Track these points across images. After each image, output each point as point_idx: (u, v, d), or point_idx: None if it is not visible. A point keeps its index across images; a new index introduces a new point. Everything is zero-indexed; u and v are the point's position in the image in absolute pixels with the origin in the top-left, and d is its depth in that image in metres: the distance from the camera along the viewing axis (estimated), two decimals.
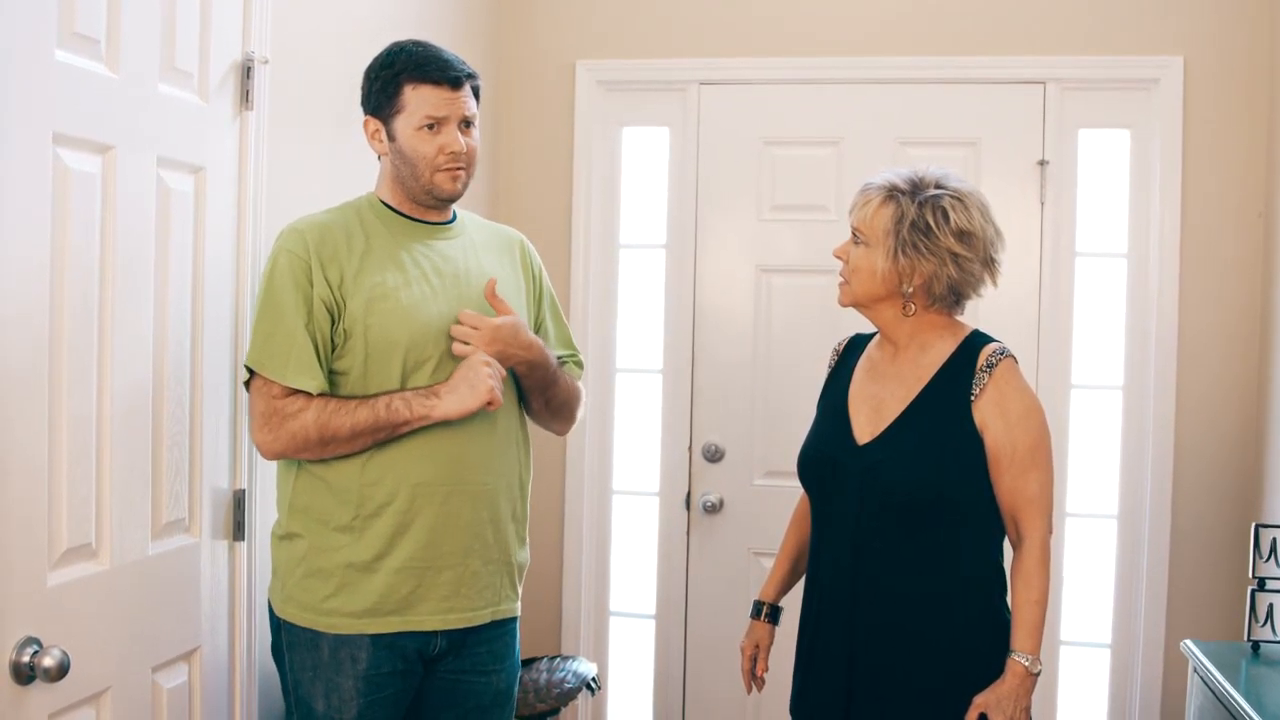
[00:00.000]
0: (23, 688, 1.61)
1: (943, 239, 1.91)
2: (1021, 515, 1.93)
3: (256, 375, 1.91)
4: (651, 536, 3.48)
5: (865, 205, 1.97)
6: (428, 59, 1.95)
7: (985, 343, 1.98)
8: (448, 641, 1.99)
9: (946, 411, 1.94)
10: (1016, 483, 1.91)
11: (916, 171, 1.98)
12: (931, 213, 1.92)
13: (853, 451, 1.98)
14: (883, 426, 1.98)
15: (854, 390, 2.06)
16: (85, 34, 1.73)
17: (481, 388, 1.88)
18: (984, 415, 1.92)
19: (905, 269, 1.93)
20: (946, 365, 1.97)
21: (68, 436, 1.72)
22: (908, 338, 2.00)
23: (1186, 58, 3.14)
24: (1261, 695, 2.19)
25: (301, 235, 1.93)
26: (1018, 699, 1.89)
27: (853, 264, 1.99)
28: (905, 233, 1.92)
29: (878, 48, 3.30)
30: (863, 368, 2.09)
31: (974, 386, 1.93)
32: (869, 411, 2.01)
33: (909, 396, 1.97)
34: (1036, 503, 1.92)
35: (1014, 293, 3.25)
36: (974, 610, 1.95)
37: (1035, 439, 1.92)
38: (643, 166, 3.50)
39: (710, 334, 3.42)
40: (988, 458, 1.92)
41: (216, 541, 2.13)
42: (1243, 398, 3.11)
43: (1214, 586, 3.12)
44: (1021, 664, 1.89)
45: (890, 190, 1.95)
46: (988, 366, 1.94)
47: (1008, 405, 1.92)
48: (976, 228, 1.94)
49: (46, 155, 1.66)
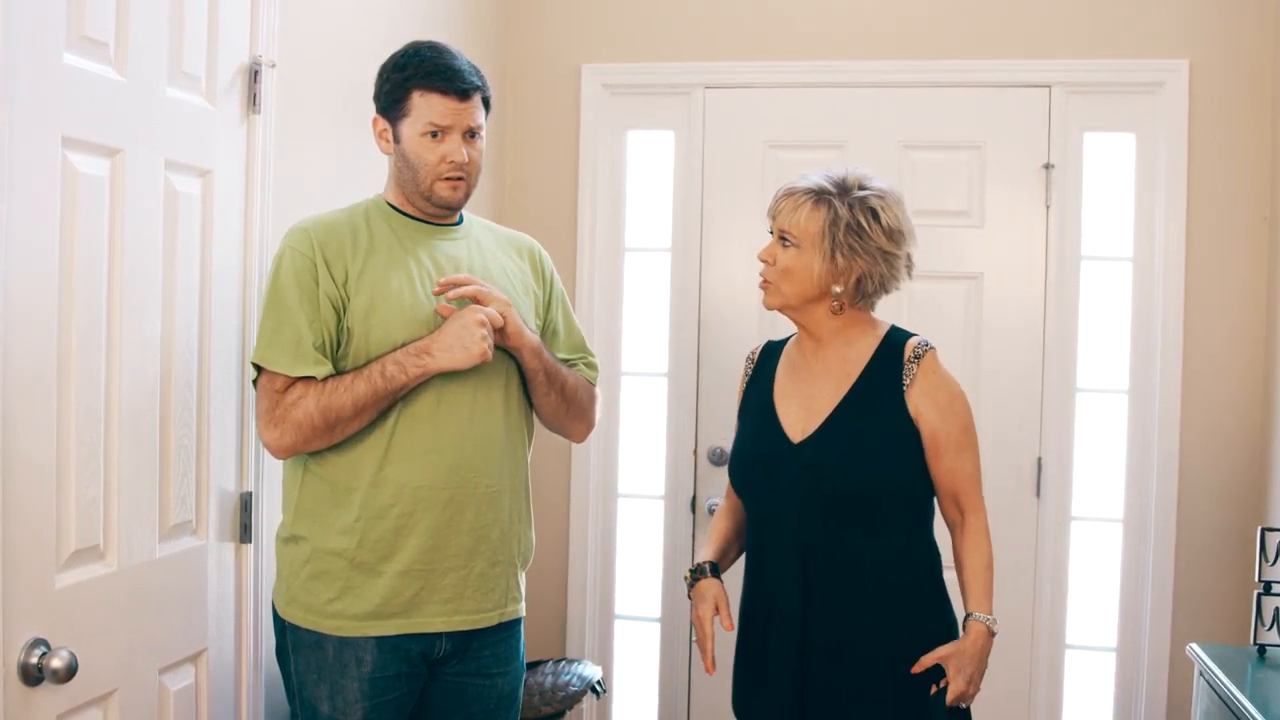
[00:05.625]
0: (31, 689, 1.62)
1: (874, 238, 1.97)
2: (961, 492, 2.01)
3: (262, 372, 1.92)
4: (656, 539, 3.48)
5: (796, 210, 2.00)
6: (439, 67, 1.95)
7: (907, 337, 2.06)
8: (452, 644, 1.99)
9: (880, 403, 2.00)
10: (954, 463, 2.00)
11: (838, 172, 2.03)
12: (862, 213, 1.97)
13: (789, 450, 2.01)
14: (816, 423, 2.01)
15: (779, 390, 2.10)
16: (94, 37, 1.74)
17: (475, 349, 1.87)
18: (916, 404, 1.99)
19: (842, 269, 1.98)
20: (874, 359, 2.03)
21: (76, 438, 1.73)
22: (832, 335, 2.05)
23: (1192, 61, 3.14)
24: (1267, 699, 2.19)
25: (307, 234, 1.94)
26: (977, 660, 1.93)
27: (782, 266, 2.02)
28: (840, 234, 1.97)
29: (882, 51, 3.30)
30: (784, 369, 2.12)
31: (904, 378, 2.00)
32: (798, 410, 2.04)
33: (840, 391, 2.02)
34: (973, 478, 2.02)
35: (1019, 296, 3.25)
36: (923, 590, 2.02)
37: (965, 421, 2.02)
38: (648, 170, 3.50)
39: (715, 337, 3.42)
40: (924, 444, 1.99)
41: (223, 544, 2.13)
42: (1248, 402, 3.11)
43: (1219, 590, 3.11)
44: (983, 624, 1.95)
45: (819, 193, 2.00)
46: (914, 358, 2.01)
47: (937, 394, 2.00)
48: (902, 225, 2.01)
49: (55, 158, 1.67)
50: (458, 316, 1.90)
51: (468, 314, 1.89)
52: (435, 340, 1.89)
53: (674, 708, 3.45)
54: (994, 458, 2.51)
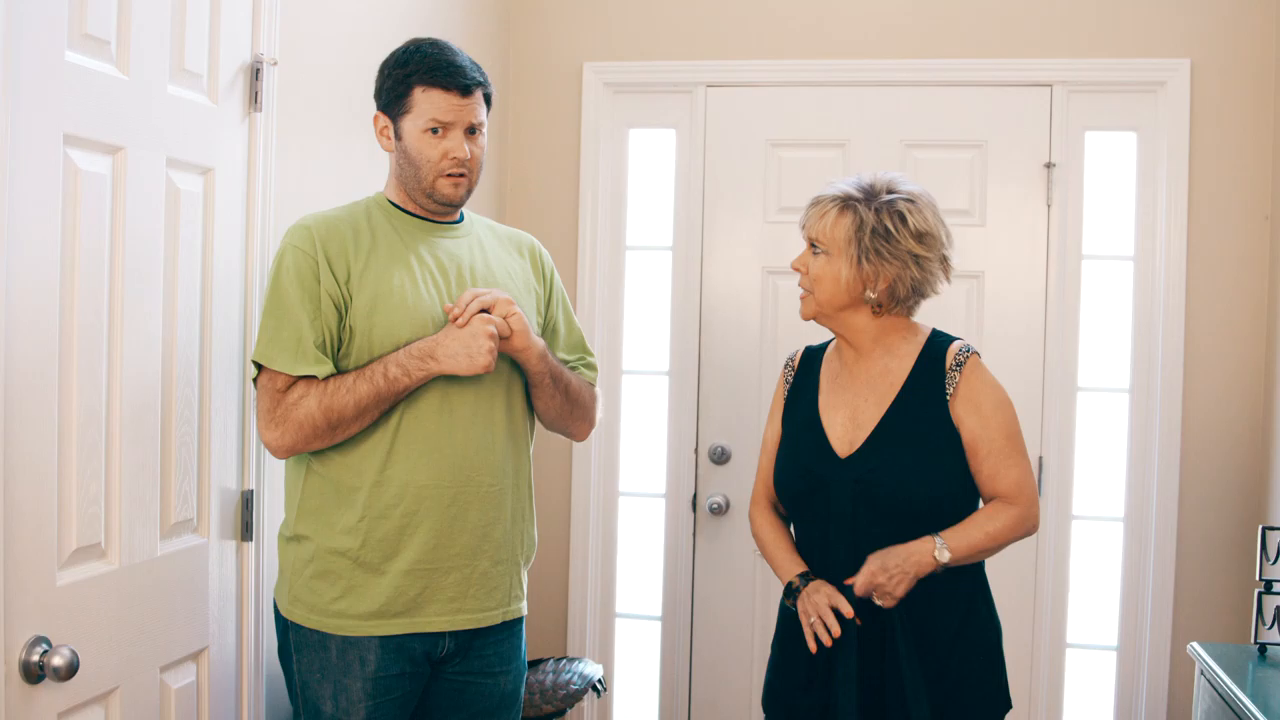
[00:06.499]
0: (32, 687, 1.62)
1: (903, 242, 1.97)
2: (1003, 496, 1.97)
3: (263, 371, 1.92)
4: (658, 538, 3.48)
5: (822, 217, 2.01)
6: (441, 63, 1.95)
7: (949, 341, 2.04)
8: (455, 643, 1.99)
9: (925, 413, 1.98)
10: (997, 470, 1.98)
11: (866, 178, 2.03)
12: (889, 217, 1.97)
13: (837, 465, 2.00)
14: (863, 436, 2.00)
15: (824, 402, 2.08)
16: (96, 35, 1.74)
17: (480, 360, 1.87)
18: (959, 411, 1.98)
19: (869, 275, 1.98)
20: (916, 367, 2.01)
21: (77, 436, 1.73)
22: (872, 342, 2.04)
23: (1193, 60, 3.14)
24: (1268, 698, 2.19)
25: (309, 231, 1.94)
26: (904, 561, 1.91)
27: (814, 274, 2.02)
28: (867, 240, 1.97)
29: (884, 50, 3.30)
30: (827, 378, 2.11)
31: (948, 385, 1.99)
32: (844, 421, 2.03)
33: (884, 402, 2.01)
34: (1019, 484, 1.97)
35: (1021, 295, 3.25)
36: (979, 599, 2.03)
37: (1009, 429, 1.99)
38: (649, 168, 3.50)
39: (717, 336, 3.42)
40: (965, 451, 1.98)
41: (225, 542, 2.13)
42: (1250, 400, 3.11)
43: (1221, 589, 3.11)
44: (934, 541, 1.92)
45: (845, 199, 2.00)
46: (957, 365, 2.00)
47: (980, 400, 1.99)
48: (932, 227, 2.00)
49: (57, 156, 1.67)
50: (470, 330, 1.88)
51: (478, 324, 1.89)
52: (441, 345, 1.88)
53: (674, 706, 3.45)
54: None
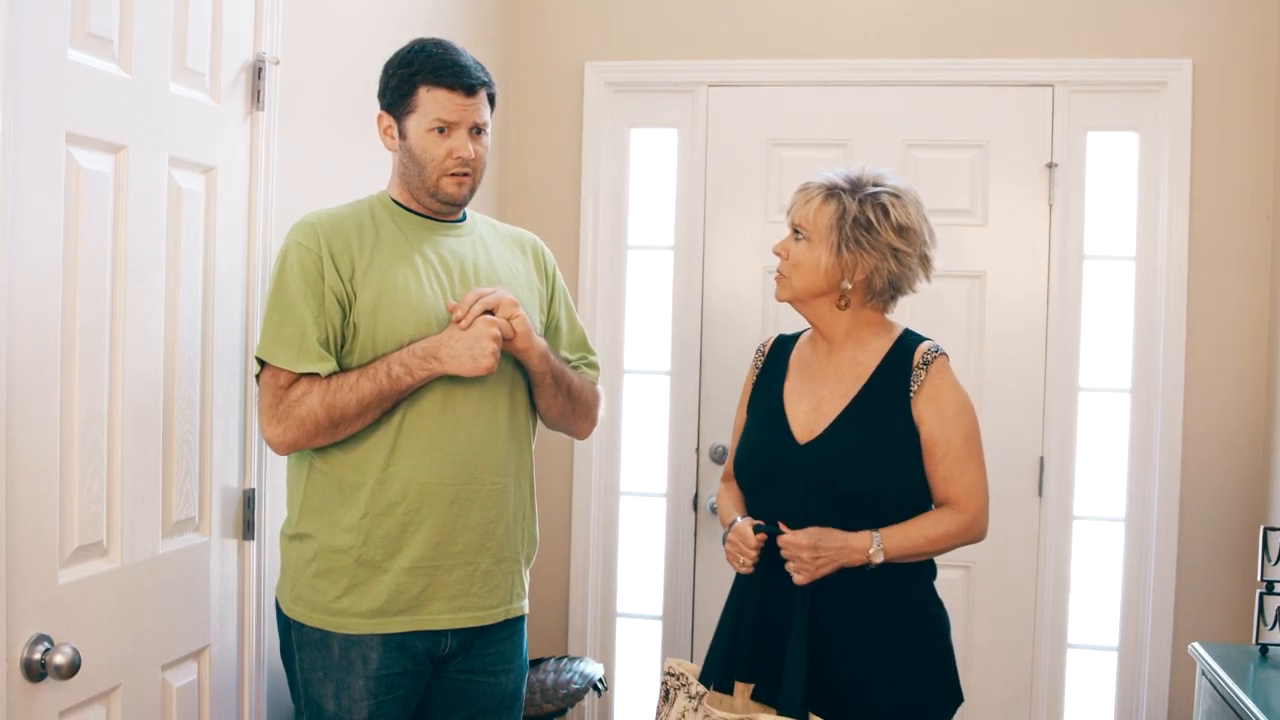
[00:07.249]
0: (34, 685, 1.62)
1: (883, 234, 1.98)
2: (954, 500, 1.98)
3: (266, 367, 1.92)
4: (658, 538, 3.48)
5: (807, 203, 2.04)
6: (445, 63, 1.95)
7: (919, 341, 2.05)
8: (457, 641, 1.99)
9: (887, 407, 2.00)
10: (951, 473, 1.99)
11: (855, 170, 2.05)
12: (872, 208, 1.99)
13: (795, 451, 2.02)
14: (824, 424, 2.02)
15: (789, 389, 2.10)
16: (98, 34, 1.74)
17: (483, 362, 1.87)
18: (921, 409, 1.99)
19: (848, 264, 2.00)
20: (884, 362, 2.03)
21: (79, 435, 1.73)
22: (844, 334, 2.06)
23: (1195, 60, 3.14)
24: (1269, 698, 2.19)
25: (313, 228, 1.94)
26: (836, 553, 1.93)
27: (794, 259, 2.05)
28: (848, 229, 1.99)
29: (886, 50, 3.30)
30: (796, 366, 2.13)
31: (912, 383, 2.00)
32: (808, 409, 2.05)
33: (849, 394, 2.02)
34: (971, 490, 1.98)
35: (1022, 295, 3.25)
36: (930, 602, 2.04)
37: (967, 432, 2.00)
38: (651, 168, 3.50)
39: (718, 335, 3.42)
40: (922, 450, 1.99)
41: (226, 540, 2.13)
42: (1251, 400, 3.11)
43: (1222, 589, 3.11)
44: (872, 539, 1.93)
45: (831, 188, 2.02)
46: (924, 364, 2.01)
47: (943, 400, 2.00)
48: (914, 223, 2.01)
49: (59, 154, 1.67)
50: (474, 332, 1.88)
51: (482, 325, 1.89)
52: (444, 345, 1.88)
53: None
54: (996, 456, 2.51)
